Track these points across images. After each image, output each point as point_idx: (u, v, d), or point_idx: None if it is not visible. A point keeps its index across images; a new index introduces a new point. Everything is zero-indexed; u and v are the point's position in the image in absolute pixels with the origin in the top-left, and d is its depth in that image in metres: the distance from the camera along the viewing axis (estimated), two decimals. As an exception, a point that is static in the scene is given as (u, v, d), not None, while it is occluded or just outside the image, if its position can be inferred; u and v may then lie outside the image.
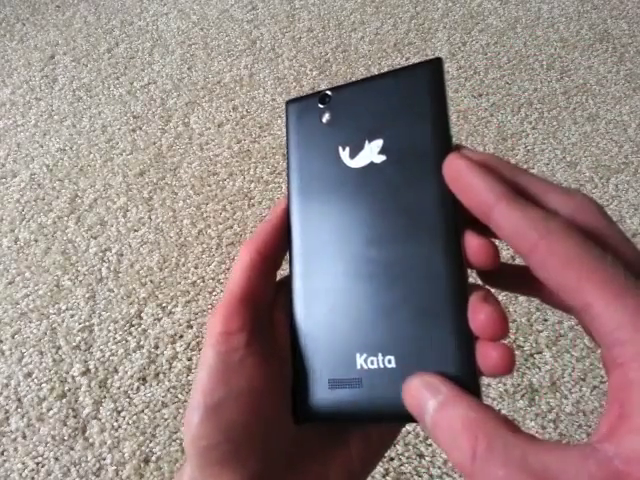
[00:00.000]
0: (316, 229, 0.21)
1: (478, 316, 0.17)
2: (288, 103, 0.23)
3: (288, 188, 0.22)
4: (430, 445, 0.54)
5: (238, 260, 0.21)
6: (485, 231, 0.18)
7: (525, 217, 0.16)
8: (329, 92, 0.22)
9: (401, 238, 0.19)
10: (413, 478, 0.53)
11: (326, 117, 0.22)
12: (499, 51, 0.99)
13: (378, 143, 0.20)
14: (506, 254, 0.67)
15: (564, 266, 0.15)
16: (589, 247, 0.15)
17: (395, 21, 1.05)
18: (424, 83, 0.20)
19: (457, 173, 0.18)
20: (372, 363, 0.19)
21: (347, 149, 0.21)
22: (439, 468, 0.53)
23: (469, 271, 0.19)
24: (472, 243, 0.18)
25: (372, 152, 0.20)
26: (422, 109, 0.20)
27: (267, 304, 0.21)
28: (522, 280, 0.20)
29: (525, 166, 0.80)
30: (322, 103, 0.22)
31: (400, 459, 0.53)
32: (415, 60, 0.97)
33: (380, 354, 0.19)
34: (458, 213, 0.19)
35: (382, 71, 0.94)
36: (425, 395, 0.17)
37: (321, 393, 0.20)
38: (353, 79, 0.93)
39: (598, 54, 0.98)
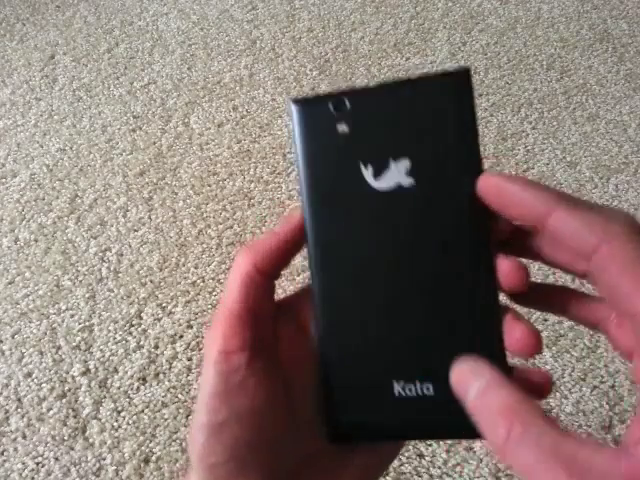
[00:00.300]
0: (343, 255, 0.20)
1: (514, 334, 0.18)
2: (295, 104, 0.20)
3: (305, 207, 0.20)
4: (430, 445, 0.54)
5: (236, 269, 0.20)
6: (515, 252, 0.19)
7: (586, 221, 0.16)
8: (345, 96, 0.20)
9: (435, 264, 0.19)
10: (413, 478, 0.53)
11: (343, 126, 0.19)
12: (499, 51, 0.99)
13: (405, 163, 0.19)
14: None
15: (622, 271, 0.15)
16: None
17: (395, 21, 1.05)
18: (454, 96, 0.19)
19: (497, 188, 0.18)
20: (410, 391, 0.19)
21: (370, 167, 0.19)
22: (439, 468, 0.53)
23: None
24: (503, 266, 0.18)
25: (400, 173, 0.19)
26: (452, 126, 0.19)
27: (268, 319, 0.21)
28: (550, 299, 0.20)
29: (525, 166, 0.80)
30: (337, 109, 0.20)
31: (400, 459, 0.53)
32: (415, 62, 0.97)
33: (418, 381, 0.19)
34: (491, 237, 0.19)
35: (382, 71, 0.95)
36: (469, 378, 0.17)
37: (358, 415, 0.20)
38: (353, 79, 0.93)
39: (598, 54, 0.98)
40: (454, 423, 0.18)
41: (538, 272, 0.62)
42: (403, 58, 0.97)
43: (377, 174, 0.19)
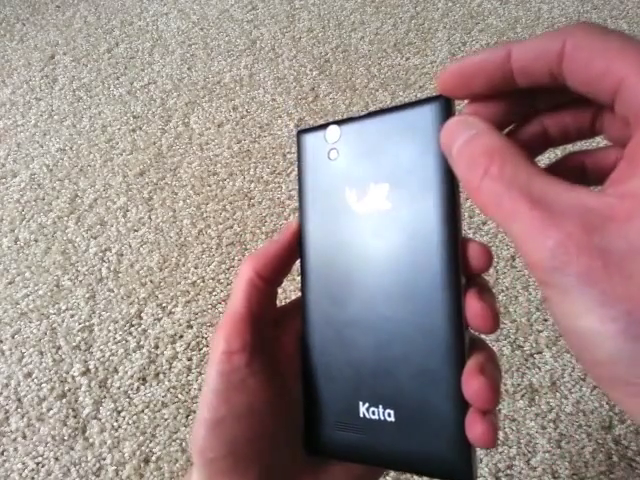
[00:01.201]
0: (328, 271, 0.21)
1: (471, 385, 0.18)
2: (299, 134, 0.23)
3: (301, 222, 0.22)
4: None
5: (240, 276, 0.21)
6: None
7: (541, 38, 0.16)
8: (337, 126, 0.22)
9: (405, 294, 0.19)
10: (413, 478, 0.53)
11: (333, 154, 0.22)
12: (499, 51, 0.98)
13: (384, 188, 0.20)
14: (506, 254, 0.67)
15: (592, 56, 0.15)
16: (612, 34, 0.15)
17: (395, 21, 1.05)
18: (430, 122, 0.19)
19: (462, 67, 0.18)
20: (373, 414, 0.20)
21: (354, 191, 0.21)
22: (439, 468, 0.53)
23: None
24: (472, 306, 0.18)
25: (378, 197, 0.20)
26: (428, 151, 0.19)
27: (269, 323, 0.22)
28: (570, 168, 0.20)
29: (525, 166, 0.80)
30: (329, 139, 0.22)
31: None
32: (415, 62, 0.97)
33: (381, 406, 0.20)
34: (461, 269, 0.19)
35: (382, 71, 0.95)
36: (460, 129, 0.17)
37: (329, 432, 0.21)
38: (353, 79, 0.93)
39: (598, 54, 0.98)
40: (418, 456, 0.19)
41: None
42: (403, 58, 0.97)
43: (359, 198, 0.21)
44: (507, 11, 1.07)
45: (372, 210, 0.20)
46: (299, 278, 0.22)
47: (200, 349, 0.61)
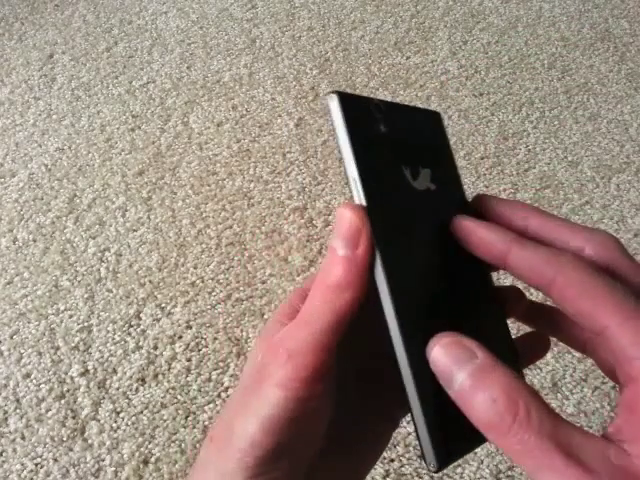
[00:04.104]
0: (410, 263, 0.19)
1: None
2: (342, 95, 0.19)
3: (367, 200, 0.18)
4: (431, 446, 0.54)
5: (336, 295, 0.18)
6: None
7: (537, 256, 0.18)
8: (380, 103, 0.20)
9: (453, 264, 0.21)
10: (414, 479, 0.52)
11: (384, 129, 0.20)
12: (500, 50, 0.98)
13: (428, 172, 0.21)
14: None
15: (580, 295, 0.17)
16: (600, 276, 0.17)
17: (396, 20, 1.04)
18: (441, 127, 0.22)
19: (466, 232, 0.20)
20: None
21: (408, 169, 0.20)
22: (440, 470, 0.52)
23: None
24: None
25: (426, 179, 0.21)
26: (444, 150, 0.22)
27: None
28: (543, 318, 0.23)
29: (526, 166, 0.80)
30: (379, 112, 0.20)
31: (401, 460, 0.53)
32: (416, 60, 0.96)
33: None
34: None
35: (382, 70, 0.94)
36: (459, 357, 0.17)
37: (455, 439, 0.19)
38: (353, 78, 0.93)
39: (599, 53, 0.97)
40: None
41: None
42: (404, 57, 0.96)
43: (414, 177, 0.20)
44: (508, 10, 1.06)
45: (424, 188, 0.21)
46: (298, 278, 0.21)
47: (199, 350, 0.61)
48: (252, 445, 0.18)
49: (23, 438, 0.55)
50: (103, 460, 0.54)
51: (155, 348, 0.61)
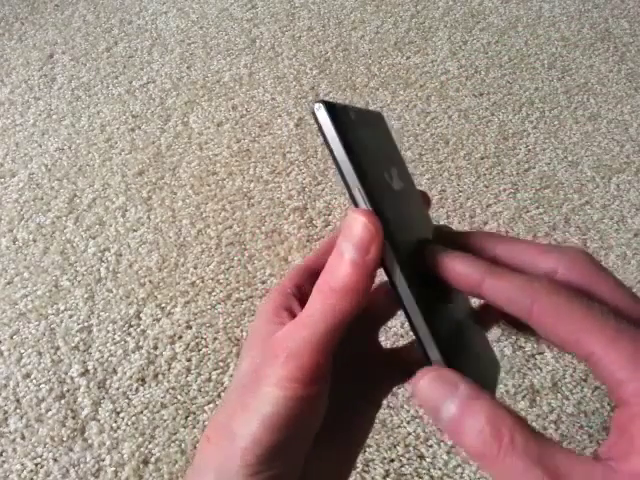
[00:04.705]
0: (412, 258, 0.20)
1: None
2: (330, 106, 0.19)
3: (363, 195, 0.18)
4: (430, 447, 0.54)
5: (338, 303, 0.18)
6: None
7: (512, 285, 0.17)
8: (353, 109, 0.20)
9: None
10: (414, 479, 0.52)
11: (362, 134, 0.20)
12: (500, 50, 0.98)
13: (396, 171, 0.21)
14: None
15: (558, 322, 0.16)
16: (577, 299, 0.16)
17: (396, 20, 1.04)
18: (387, 125, 0.23)
19: (440, 264, 0.19)
20: None
21: (387, 171, 0.21)
22: (440, 469, 0.53)
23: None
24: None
25: (398, 179, 0.21)
26: (397, 148, 0.23)
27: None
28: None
29: (526, 165, 0.80)
30: (355, 117, 0.20)
31: (400, 460, 0.53)
32: (416, 60, 0.96)
33: None
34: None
35: (382, 69, 0.94)
36: (443, 391, 0.17)
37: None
38: (353, 78, 0.93)
39: (599, 53, 0.97)
40: None
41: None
42: (404, 57, 0.96)
43: (391, 178, 0.21)
44: (508, 10, 1.06)
45: (400, 188, 0.21)
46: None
47: (199, 350, 0.61)
48: (253, 443, 0.18)
49: (23, 438, 0.55)
50: (103, 460, 0.54)
51: (155, 348, 0.61)
